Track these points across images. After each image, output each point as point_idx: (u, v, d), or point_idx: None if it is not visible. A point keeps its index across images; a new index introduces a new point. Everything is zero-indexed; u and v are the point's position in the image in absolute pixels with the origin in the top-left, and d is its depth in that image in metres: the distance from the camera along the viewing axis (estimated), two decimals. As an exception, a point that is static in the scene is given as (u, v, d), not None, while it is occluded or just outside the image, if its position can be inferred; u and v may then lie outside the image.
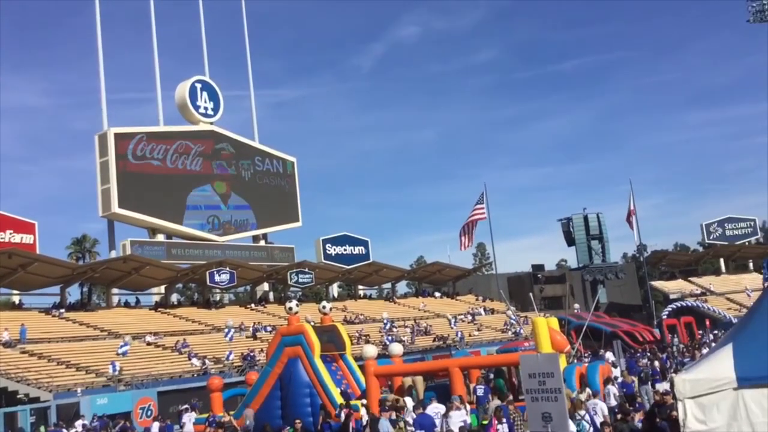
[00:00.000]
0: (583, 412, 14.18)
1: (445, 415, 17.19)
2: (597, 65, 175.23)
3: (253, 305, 56.68)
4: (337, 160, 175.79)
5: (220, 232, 57.66)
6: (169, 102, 57.82)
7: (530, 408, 9.90)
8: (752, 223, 76.86)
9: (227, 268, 52.43)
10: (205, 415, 26.13)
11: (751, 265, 71.70)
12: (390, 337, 48.04)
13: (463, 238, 62.69)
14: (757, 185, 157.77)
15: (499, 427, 14.30)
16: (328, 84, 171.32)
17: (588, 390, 19.33)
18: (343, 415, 19.03)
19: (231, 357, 42.06)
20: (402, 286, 72.99)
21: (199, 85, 58.15)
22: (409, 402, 20.21)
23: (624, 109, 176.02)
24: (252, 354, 41.97)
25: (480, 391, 22.30)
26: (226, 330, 46.83)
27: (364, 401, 22.79)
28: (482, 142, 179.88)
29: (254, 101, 64.01)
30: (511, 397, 18.45)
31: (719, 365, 9.50)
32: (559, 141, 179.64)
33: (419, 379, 26.63)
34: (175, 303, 55.20)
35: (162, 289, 53.57)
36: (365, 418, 18.67)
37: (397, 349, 30.46)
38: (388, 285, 69.55)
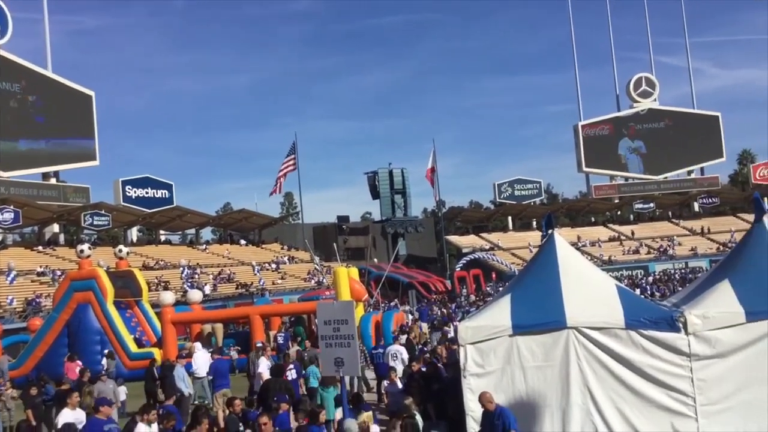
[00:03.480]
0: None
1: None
2: (411, 24, 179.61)
3: (40, 247, 52.67)
4: (144, 99, 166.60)
5: (3, 166, 52.69)
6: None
7: (324, 353, 10.19)
8: (538, 185, 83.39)
9: (11, 207, 48.17)
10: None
11: (534, 223, 78.01)
12: (191, 284, 46.94)
13: (275, 186, 62.93)
14: (545, 150, 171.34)
15: (288, 373, 14.77)
16: (137, 16, 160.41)
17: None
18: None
19: (13, 302, 39.03)
20: (207, 233, 71.44)
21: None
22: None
23: (433, 70, 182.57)
24: (37, 299, 39.22)
25: (280, 339, 22.61)
26: (8, 273, 43.28)
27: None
28: (296, 91, 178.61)
29: (48, 26, 58.66)
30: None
31: (498, 314, 10.33)
32: (370, 96, 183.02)
33: (219, 326, 26.39)
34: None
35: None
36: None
37: (195, 296, 29.90)
38: (192, 231, 67.81)
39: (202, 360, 17.69)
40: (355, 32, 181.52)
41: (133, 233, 63.28)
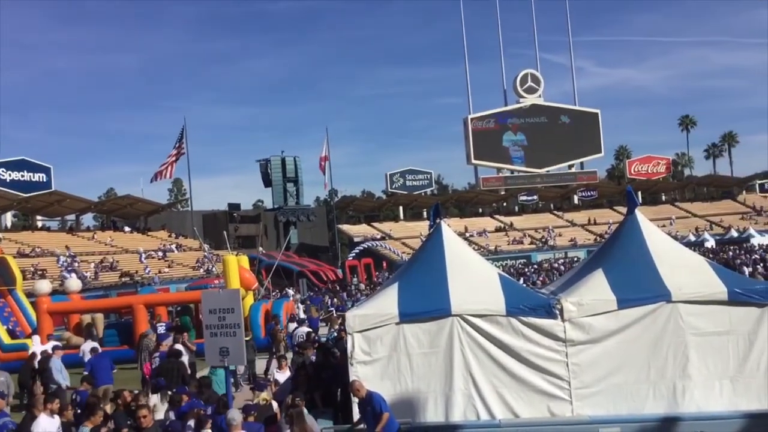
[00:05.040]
0: None
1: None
2: (308, 10, 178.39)
3: None
4: (22, 76, 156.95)
5: None
6: None
7: (208, 343, 10.00)
8: (429, 176, 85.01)
9: None
10: None
11: (425, 213, 79.44)
12: (70, 272, 44.79)
13: (163, 171, 60.89)
14: (436, 142, 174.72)
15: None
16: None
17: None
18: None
19: None
20: (88, 219, 68.36)
21: None
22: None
23: (328, 58, 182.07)
24: None
25: (161, 329, 21.97)
26: None
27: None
28: (188, 74, 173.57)
29: None
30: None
31: (385, 303, 10.47)
32: (264, 82, 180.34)
33: (99, 316, 25.40)
34: None
35: None
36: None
37: (73, 285, 28.65)
38: (72, 217, 64.67)
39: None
40: (250, 15, 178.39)
41: (7, 218, 59.72)
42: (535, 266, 54.83)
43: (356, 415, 9.71)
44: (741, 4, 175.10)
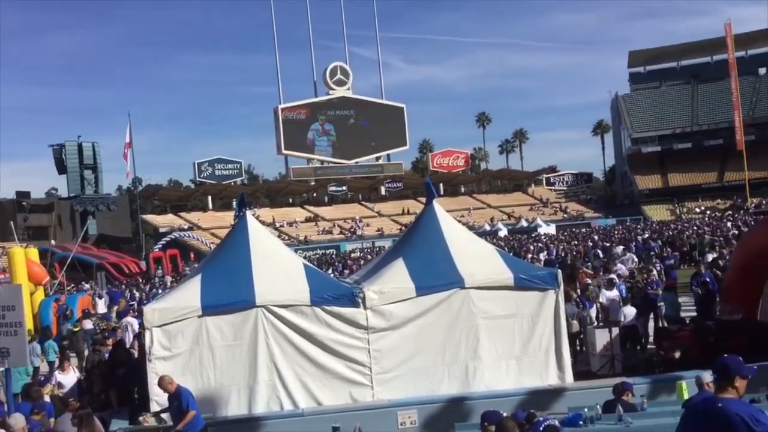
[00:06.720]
0: None
1: None
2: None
3: None
4: None
5: None
6: None
7: (-13, 344, 9.13)
8: (239, 165, 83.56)
9: None
10: None
11: (235, 203, 78.10)
12: None
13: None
14: (247, 131, 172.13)
15: None
16: None
17: None
18: None
19: None
20: None
21: None
22: None
23: (133, 39, 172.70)
24: None
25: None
26: None
27: None
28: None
29: None
30: None
31: (187, 295, 10.17)
32: (60, 62, 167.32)
33: None
34: None
35: None
36: None
37: None
38: None
39: None
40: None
41: None
42: (343, 256, 55.93)
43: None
44: (533, 9, 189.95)
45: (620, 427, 7.76)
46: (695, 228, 43.22)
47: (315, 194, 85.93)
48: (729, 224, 43.16)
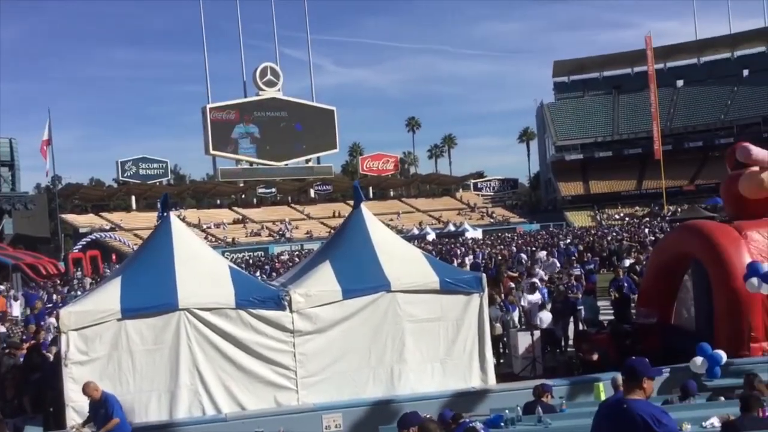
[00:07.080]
0: None
1: None
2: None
3: None
4: None
5: None
6: None
7: None
8: (165, 165, 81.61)
9: None
10: None
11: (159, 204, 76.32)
12: None
13: None
14: (174, 130, 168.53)
15: None
16: None
17: None
18: None
19: None
20: None
21: None
22: None
23: (54, 32, 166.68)
24: None
25: None
26: None
27: None
28: None
29: None
30: None
31: (106, 298, 9.87)
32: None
33: None
34: None
35: None
36: None
37: None
38: None
39: None
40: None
41: None
42: (271, 258, 55.38)
43: (70, 420, 9.05)
44: (463, 17, 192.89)
45: (540, 428, 7.94)
46: (615, 234, 44.74)
47: (243, 196, 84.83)
48: (646, 231, 44.87)
